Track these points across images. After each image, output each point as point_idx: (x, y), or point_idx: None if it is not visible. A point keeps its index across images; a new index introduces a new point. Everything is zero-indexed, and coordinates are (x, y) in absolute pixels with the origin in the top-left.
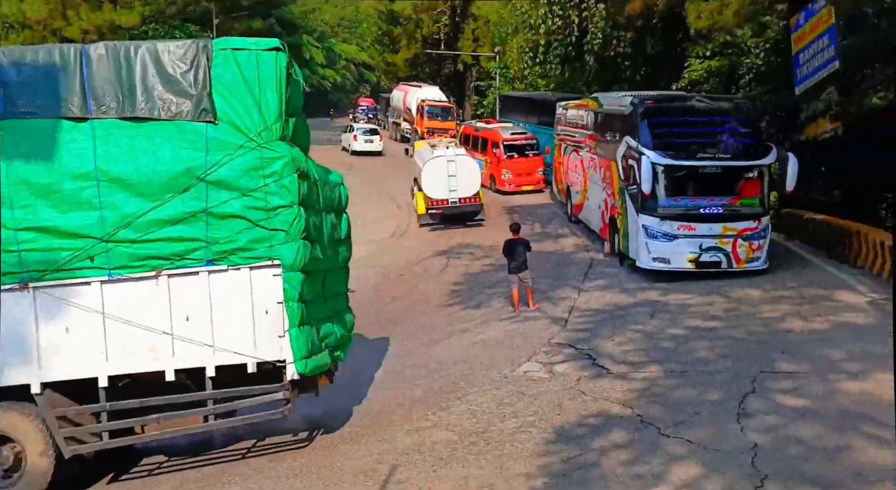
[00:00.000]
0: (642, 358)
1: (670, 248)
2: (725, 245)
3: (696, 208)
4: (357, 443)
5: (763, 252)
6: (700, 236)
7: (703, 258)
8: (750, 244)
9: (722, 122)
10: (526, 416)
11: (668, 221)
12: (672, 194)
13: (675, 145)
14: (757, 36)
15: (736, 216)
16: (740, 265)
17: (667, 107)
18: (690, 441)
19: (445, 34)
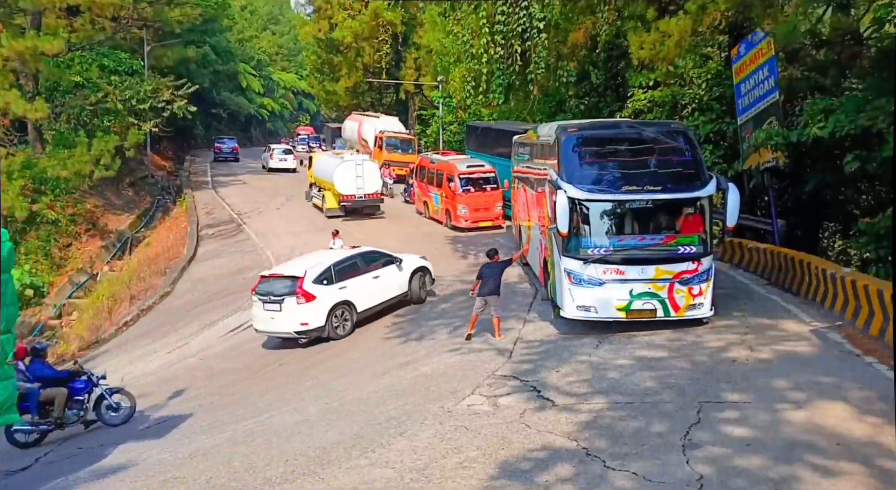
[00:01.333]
0: (588, 389)
1: (596, 296)
2: (660, 290)
3: (624, 249)
4: (292, 483)
5: (706, 297)
6: (630, 281)
7: (635, 306)
8: (689, 289)
9: (654, 149)
10: (469, 451)
11: (592, 265)
12: (596, 233)
13: (600, 177)
14: (699, 67)
15: (671, 257)
16: (679, 313)
17: (592, 135)
18: (636, 473)
19: (387, 63)
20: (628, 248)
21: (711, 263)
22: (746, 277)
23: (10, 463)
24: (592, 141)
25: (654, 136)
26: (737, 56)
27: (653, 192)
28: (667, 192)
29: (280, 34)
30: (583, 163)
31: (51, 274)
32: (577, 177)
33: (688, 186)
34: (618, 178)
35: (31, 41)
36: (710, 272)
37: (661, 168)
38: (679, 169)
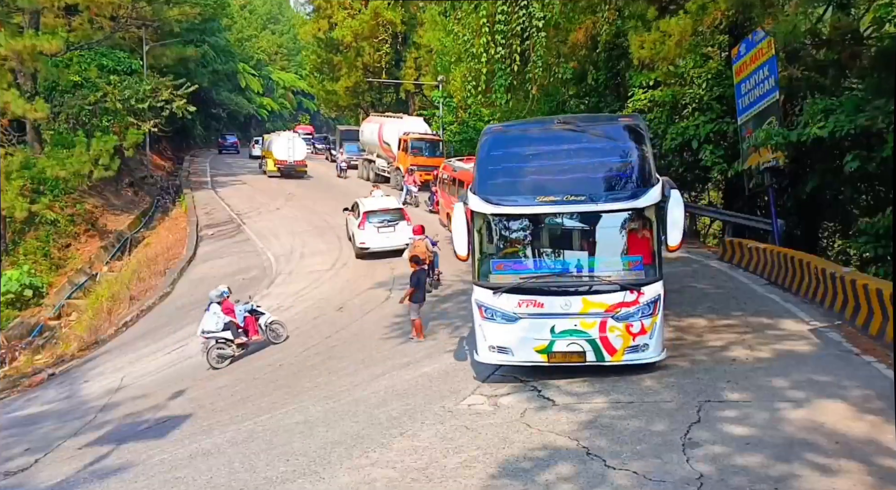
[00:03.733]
0: (588, 389)
1: (511, 334)
2: (589, 328)
3: (542, 275)
4: (294, 483)
5: (652, 336)
6: (551, 316)
7: (558, 347)
8: (627, 326)
9: (589, 150)
10: (470, 451)
11: (505, 295)
12: (508, 256)
13: (516, 186)
14: (699, 66)
15: (602, 286)
16: (615, 357)
17: (517, 135)
18: (636, 472)
19: (387, 62)
20: (548, 275)
21: (659, 293)
22: (746, 277)
23: (11, 464)
24: (516, 142)
25: (592, 134)
26: (737, 56)
27: (574, 203)
28: (592, 203)
29: (279, 33)
30: (501, 168)
31: (50, 274)
32: (491, 185)
33: (621, 195)
34: (536, 187)
35: (30, 40)
36: (657, 303)
37: (594, 173)
38: (616, 173)
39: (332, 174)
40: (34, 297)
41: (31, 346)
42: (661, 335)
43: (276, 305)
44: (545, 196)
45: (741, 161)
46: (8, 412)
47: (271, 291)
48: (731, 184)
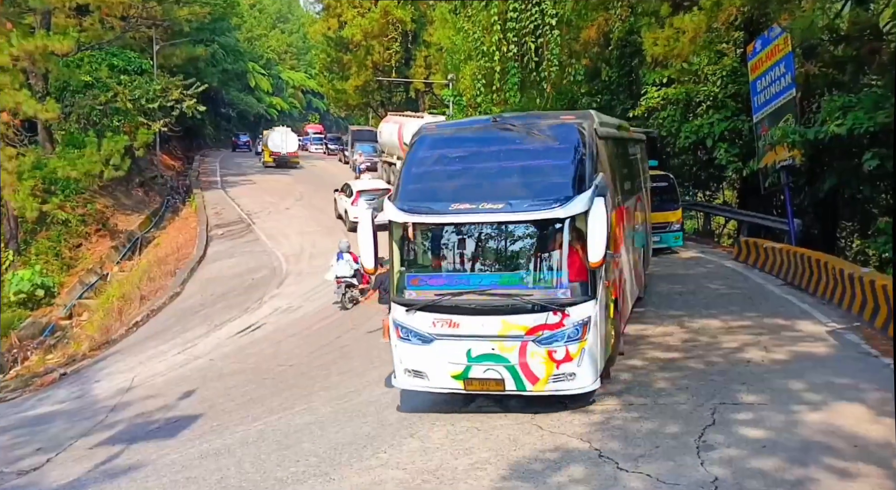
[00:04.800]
0: (600, 390)
1: (426, 357)
2: (508, 353)
3: (458, 292)
4: (304, 483)
5: (580, 363)
6: (467, 337)
7: (474, 373)
8: (549, 351)
9: (521, 152)
10: (481, 452)
11: (419, 313)
12: (423, 270)
13: (436, 191)
14: (714, 63)
15: (523, 305)
16: (537, 386)
17: (447, 135)
18: (650, 475)
19: (397, 61)
20: (463, 291)
21: (592, 313)
22: (762, 277)
23: (23, 462)
24: (447, 143)
25: (527, 134)
26: (752, 52)
27: (489, 211)
28: (508, 211)
29: (289, 33)
30: (424, 172)
31: (61, 274)
32: (411, 191)
33: (543, 202)
34: (455, 193)
35: (41, 41)
36: (588, 327)
37: (520, 177)
38: (544, 178)
39: (342, 174)
40: (46, 296)
41: (42, 345)
42: (596, 363)
43: (286, 305)
44: (461, 203)
45: (757, 159)
46: (20, 411)
47: (281, 291)
48: (746, 183)
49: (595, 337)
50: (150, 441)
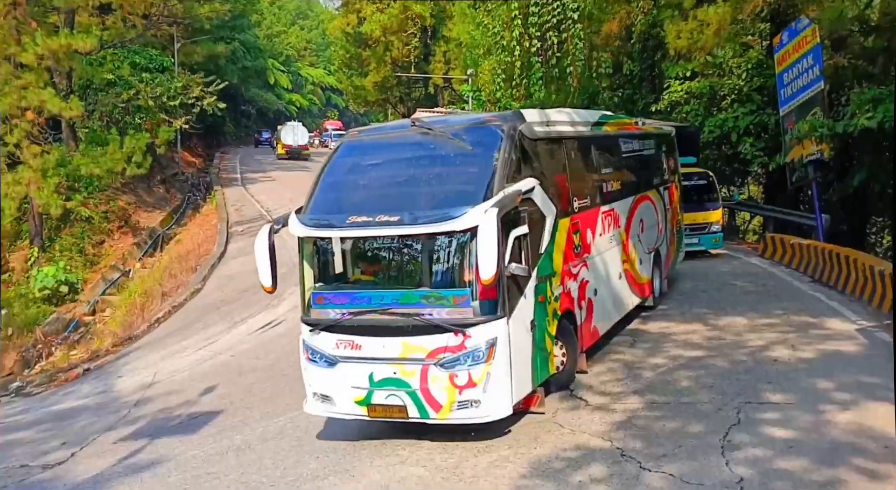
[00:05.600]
0: (622, 389)
1: (331, 380)
2: (409, 377)
3: (358, 310)
4: (324, 480)
5: (486, 389)
6: (369, 360)
7: (377, 399)
8: (451, 376)
9: (432, 158)
10: (501, 450)
11: (323, 333)
12: (326, 287)
13: (340, 202)
14: (739, 56)
15: (423, 325)
16: (441, 414)
17: (365, 140)
18: (673, 475)
19: (416, 57)
20: (364, 310)
21: (500, 333)
22: (788, 274)
23: (48, 457)
24: (364, 150)
25: (441, 139)
26: (779, 44)
27: (383, 225)
28: (402, 225)
29: (308, 29)
30: (335, 182)
31: (85, 270)
32: (319, 202)
33: (441, 214)
34: (357, 204)
35: (65, 39)
36: (495, 348)
37: (428, 187)
38: (452, 187)
39: None
40: (69, 293)
41: (66, 341)
42: (507, 388)
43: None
44: (359, 216)
45: (783, 154)
46: (45, 406)
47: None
48: (772, 177)
49: (505, 360)
50: (172, 436)
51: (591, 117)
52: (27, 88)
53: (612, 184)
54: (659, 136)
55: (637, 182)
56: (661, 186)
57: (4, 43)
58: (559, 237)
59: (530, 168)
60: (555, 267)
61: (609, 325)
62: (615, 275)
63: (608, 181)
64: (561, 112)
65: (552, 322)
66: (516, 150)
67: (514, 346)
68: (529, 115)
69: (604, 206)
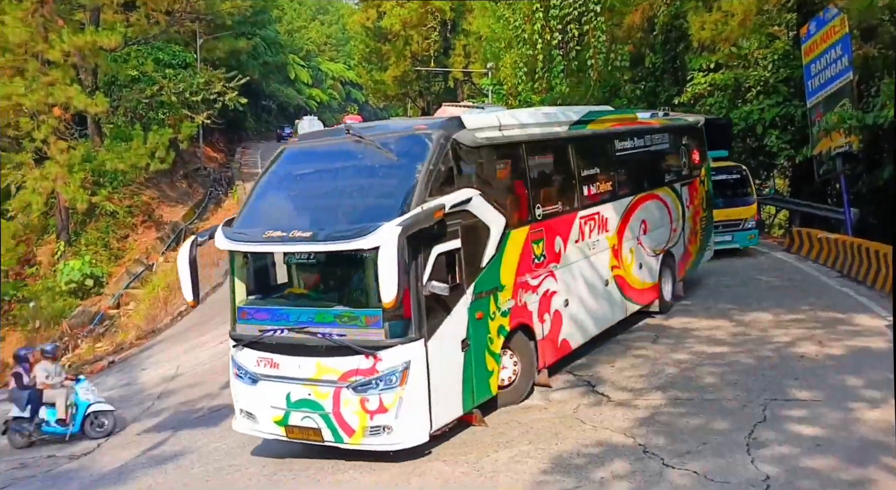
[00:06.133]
0: (644, 384)
1: (254, 398)
2: (322, 399)
3: (276, 327)
4: (345, 473)
5: (398, 415)
6: (287, 379)
7: (293, 420)
8: (363, 400)
9: (352, 169)
10: (521, 446)
11: (246, 350)
12: (252, 302)
13: (266, 215)
14: (764, 47)
15: (336, 345)
16: (353, 439)
17: (302, 149)
18: (697, 472)
19: (435, 51)
20: (281, 328)
21: (414, 357)
22: (815, 269)
23: (75, 448)
24: (298, 159)
25: (369, 148)
26: (806, 35)
27: (297, 241)
28: (312, 241)
29: (328, 24)
30: (264, 193)
31: (109, 264)
32: (249, 214)
33: (351, 231)
34: (278, 218)
35: (91, 36)
36: (410, 372)
37: (348, 200)
38: (371, 201)
39: None
40: (95, 286)
41: (92, 334)
42: (423, 414)
43: None
44: (276, 230)
45: (810, 146)
46: None
47: None
48: (798, 170)
49: (420, 384)
50: (194, 428)
51: (571, 116)
52: (54, 85)
53: (597, 186)
54: (675, 130)
55: (638, 181)
56: (676, 183)
57: (32, 40)
58: (510, 249)
59: (468, 178)
60: (502, 280)
61: (588, 336)
62: (599, 283)
63: (592, 183)
64: (531, 113)
65: (496, 339)
66: (447, 161)
67: (437, 368)
68: (471, 121)
69: (584, 211)
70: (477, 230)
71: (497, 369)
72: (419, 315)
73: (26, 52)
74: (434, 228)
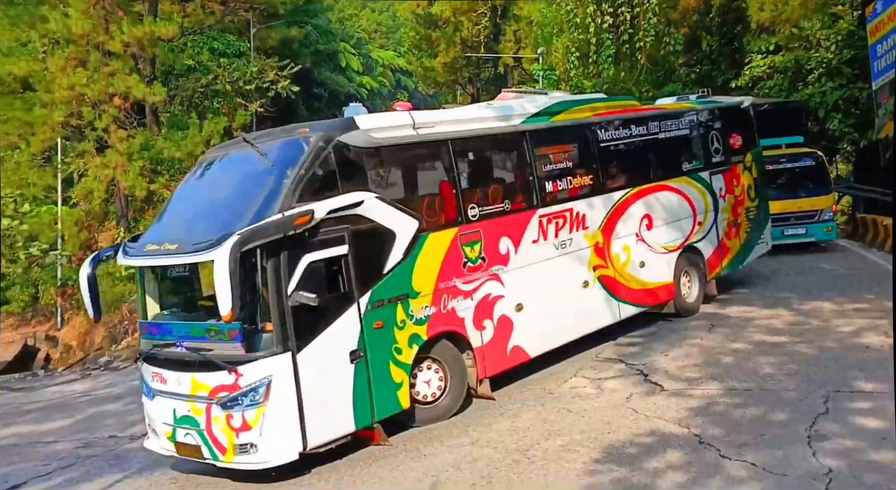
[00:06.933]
0: (700, 374)
1: (152, 413)
2: (198, 415)
3: (163, 342)
4: (395, 458)
5: (262, 433)
6: (172, 395)
7: (179, 436)
8: (228, 416)
9: (229, 179)
10: (572, 434)
11: (145, 364)
12: (152, 316)
13: (154, 228)
14: (827, 27)
15: (205, 360)
16: (227, 457)
17: (210, 157)
18: (755, 464)
19: (485, 36)
20: (167, 341)
21: (277, 372)
22: (880, 257)
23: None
24: (201, 168)
25: (255, 155)
26: (872, 14)
27: (162, 254)
28: (170, 254)
29: (378, 11)
30: (168, 205)
31: None
32: (153, 226)
33: (204, 243)
34: (162, 230)
35: (149, 27)
36: (272, 388)
37: (221, 210)
38: (239, 209)
39: None
40: None
41: None
42: (291, 432)
43: None
44: (153, 243)
45: (876, 130)
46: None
47: None
48: (863, 155)
49: (287, 399)
50: None
51: (529, 109)
52: (114, 75)
53: (568, 181)
54: (703, 114)
55: (636, 172)
56: (703, 171)
57: (94, 32)
58: (428, 253)
59: (362, 181)
60: (416, 287)
61: (557, 343)
62: (573, 284)
63: (558, 179)
64: (471, 109)
65: (407, 349)
66: (326, 164)
67: (312, 382)
68: (367, 122)
69: (546, 209)
70: (375, 235)
71: (407, 381)
72: (283, 328)
73: (88, 43)
74: (305, 235)
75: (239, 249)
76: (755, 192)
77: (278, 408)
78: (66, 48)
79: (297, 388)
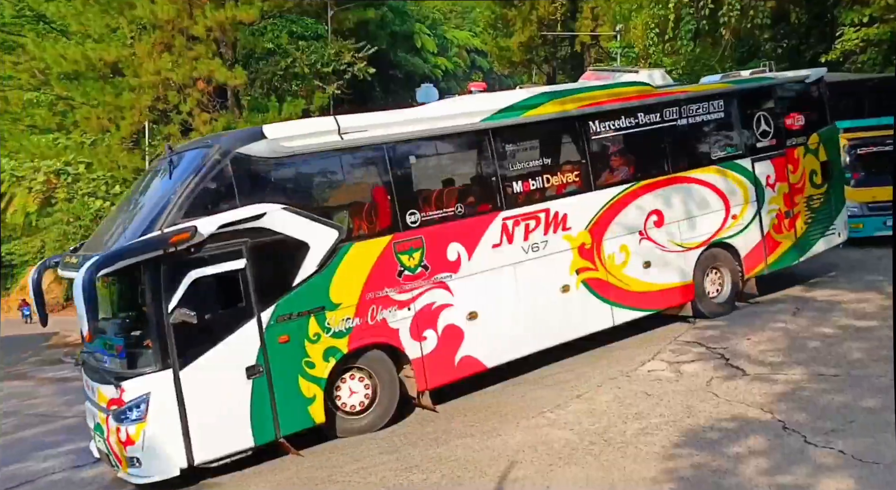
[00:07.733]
0: (784, 359)
1: (87, 417)
2: (104, 424)
3: (89, 352)
4: (472, 437)
5: (144, 448)
6: (91, 402)
7: (97, 442)
8: (117, 430)
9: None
10: (651, 418)
11: (83, 368)
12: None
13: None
14: None
15: (103, 371)
16: (124, 469)
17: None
18: (843, 452)
19: (562, 14)
20: (91, 353)
21: (155, 388)
22: None
23: None
24: (144, 176)
25: (167, 166)
26: None
27: (67, 267)
28: (70, 269)
29: None
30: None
31: None
32: (93, 236)
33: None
34: (90, 242)
35: (231, 12)
36: (150, 404)
37: (125, 222)
38: (135, 223)
39: None
40: None
41: None
42: (171, 449)
43: None
44: (74, 255)
45: None
46: None
47: None
48: None
49: (167, 416)
50: None
51: (494, 105)
52: (198, 59)
53: (543, 180)
54: (746, 93)
55: (642, 165)
56: (743, 158)
57: (179, 17)
58: (350, 263)
59: (269, 192)
60: (333, 299)
61: (524, 351)
62: (548, 289)
63: (529, 178)
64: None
65: (321, 363)
66: (222, 177)
67: (200, 398)
68: (275, 131)
69: (513, 211)
70: (281, 247)
71: (321, 395)
72: (162, 345)
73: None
74: (191, 251)
75: (96, 272)
76: (822, 177)
77: (157, 424)
78: (153, 34)
79: (181, 404)
